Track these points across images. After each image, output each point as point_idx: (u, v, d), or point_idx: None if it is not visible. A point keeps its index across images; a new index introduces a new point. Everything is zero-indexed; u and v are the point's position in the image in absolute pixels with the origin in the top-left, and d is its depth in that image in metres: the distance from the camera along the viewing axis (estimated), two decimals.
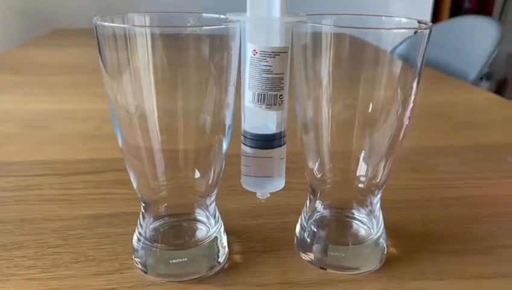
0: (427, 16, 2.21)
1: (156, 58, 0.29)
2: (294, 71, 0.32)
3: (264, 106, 0.31)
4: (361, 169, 0.35)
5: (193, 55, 0.30)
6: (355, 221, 0.38)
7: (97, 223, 0.41)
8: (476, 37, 1.30)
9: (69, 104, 0.74)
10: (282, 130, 0.33)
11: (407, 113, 0.33)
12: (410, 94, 0.32)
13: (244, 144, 0.34)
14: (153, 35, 0.28)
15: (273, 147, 0.33)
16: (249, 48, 0.30)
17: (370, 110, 0.32)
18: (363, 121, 0.33)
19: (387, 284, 0.34)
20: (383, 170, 0.35)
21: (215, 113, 0.32)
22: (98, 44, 0.29)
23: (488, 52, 1.23)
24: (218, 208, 0.37)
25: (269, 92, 0.31)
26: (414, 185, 0.49)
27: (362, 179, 0.35)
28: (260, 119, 0.33)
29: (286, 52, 0.30)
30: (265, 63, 0.30)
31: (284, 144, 0.34)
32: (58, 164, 0.52)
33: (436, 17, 2.42)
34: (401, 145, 0.34)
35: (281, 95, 0.31)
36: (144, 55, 0.29)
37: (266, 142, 0.33)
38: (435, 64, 1.06)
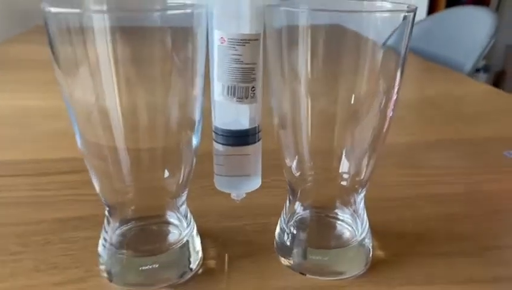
0: (423, 6, 2.18)
1: (115, 48, 0.26)
2: (267, 61, 0.30)
3: (235, 99, 0.29)
4: (344, 166, 0.32)
5: (155, 45, 0.27)
6: (338, 221, 0.35)
7: (64, 227, 0.38)
8: (472, 28, 1.27)
9: (47, 101, 0.71)
10: (256, 125, 0.31)
11: (391, 105, 0.30)
12: (394, 85, 0.30)
13: (216, 141, 0.31)
14: (110, 21, 0.25)
15: (247, 144, 0.31)
16: (217, 35, 0.27)
17: (351, 102, 0.29)
18: (344, 114, 0.30)
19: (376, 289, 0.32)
20: (367, 167, 0.32)
21: (182, 108, 0.29)
22: (48, 34, 0.26)
23: (484, 42, 1.21)
24: (190, 210, 0.34)
25: (240, 84, 0.28)
26: (405, 182, 0.46)
27: (345, 176, 0.33)
28: (231, 114, 0.30)
29: (257, 39, 0.28)
30: (234, 52, 0.27)
31: (258, 140, 0.31)
32: (30, 164, 0.50)
33: (432, 7, 2.39)
34: (385, 139, 0.32)
35: (253, 87, 0.29)
36: (101, 46, 0.26)
37: (239, 138, 0.30)
38: (430, 54, 1.04)
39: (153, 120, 0.30)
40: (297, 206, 0.35)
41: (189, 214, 0.34)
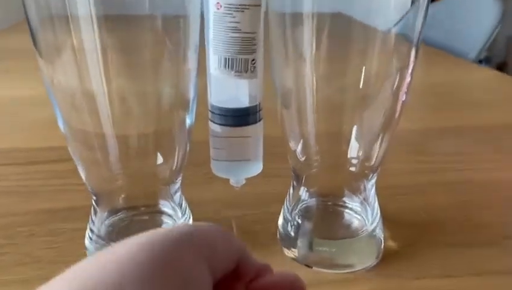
0: None
1: (99, 20, 0.23)
2: (269, 30, 0.27)
3: (233, 73, 0.26)
4: (353, 150, 0.29)
5: (143, 15, 0.24)
6: (346, 210, 0.32)
7: (51, 218, 0.36)
8: (476, 17, 1.24)
9: (36, 90, 0.67)
10: (257, 103, 0.28)
11: (404, 88, 0.28)
12: (408, 65, 0.27)
13: (212, 122, 0.28)
14: None
15: (247, 124, 0.28)
16: (212, 0, 0.25)
17: (362, 81, 0.27)
18: (355, 95, 0.28)
19: (385, 284, 0.29)
20: (378, 151, 0.29)
21: (173, 84, 0.27)
22: (27, 16, 0.24)
23: (488, 32, 1.18)
24: (185, 197, 0.32)
25: (238, 56, 0.25)
26: (415, 169, 0.43)
27: (354, 161, 0.30)
28: (229, 90, 0.27)
29: (258, 5, 0.25)
30: (231, 19, 0.24)
31: (260, 121, 0.28)
32: (18, 153, 0.47)
33: None
34: (397, 123, 0.29)
35: (253, 60, 0.26)
36: (84, 21, 0.23)
37: (238, 118, 0.28)
38: (433, 43, 1.01)
39: (142, 100, 0.27)
40: (302, 194, 0.32)
41: (184, 203, 0.31)
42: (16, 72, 0.77)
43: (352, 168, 0.30)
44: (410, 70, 0.27)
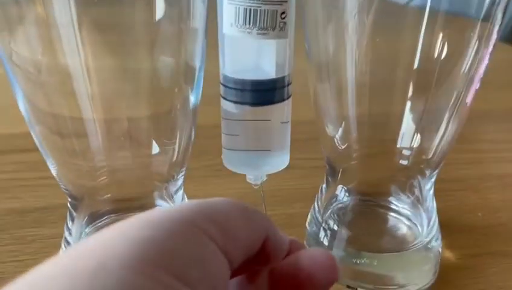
0: None
1: None
2: None
3: (255, 31, 0.19)
4: (405, 138, 0.22)
5: None
6: (392, 214, 0.25)
7: (21, 221, 0.29)
8: None
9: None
10: (286, 74, 0.21)
11: (481, 69, 0.21)
12: (488, 43, 0.20)
13: (225, 99, 0.21)
14: None
15: (272, 102, 0.21)
16: None
17: (425, 54, 0.20)
18: (416, 68, 0.20)
19: None
20: (439, 143, 0.23)
21: (174, 49, 0.19)
22: None
23: None
24: (188, 197, 0.25)
25: (263, 6, 0.18)
26: (461, 159, 0.36)
27: (405, 152, 0.23)
28: (249, 56, 0.20)
29: None
30: None
31: (288, 98, 0.21)
32: None
33: None
34: (467, 110, 0.22)
35: (283, 13, 0.19)
36: None
37: (260, 94, 0.20)
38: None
39: (132, 70, 0.20)
40: (339, 191, 0.25)
41: None
42: None
43: (404, 161, 0.23)
44: (483, 54, 0.20)
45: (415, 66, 0.20)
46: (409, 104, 0.22)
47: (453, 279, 0.24)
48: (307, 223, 0.26)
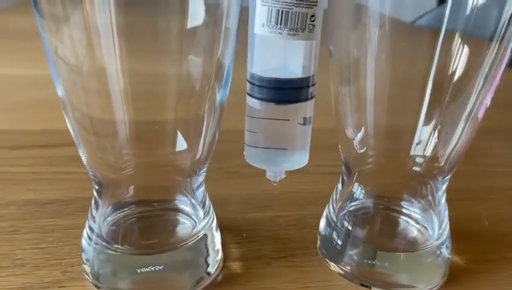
0: None
1: None
2: None
3: (285, 32, 0.20)
4: (420, 147, 0.23)
5: None
6: (404, 217, 0.26)
7: (40, 211, 0.29)
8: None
9: (36, 70, 0.61)
10: (311, 74, 0.22)
11: (493, 87, 0.22)
12: (502, 60, 0.21)
13: (251, 96, 0.22)
14: None
15: (296, 101, 0.22)
16: None
17: (453, 61, 0.21)
18: (432, 84, 0.21)
19: None
20: (452, 152, 0.23)
21: (207, 50, 0.20)
22: None
23: None
24: (209, 195, 0.25)
25: (295, 9, 0.19)
26: (469, 172, 0.37)
27: (419, 160, 0.24)
28: (278, 56, 0.21)
29: None
30: None
31: (312, 98, 0.22)
32: (4, 135, 0.40)
33: None
34: (477, 124, 0.23)
35: (312, 16, 0.20)
36: None
37: (285, 92, 0.21)
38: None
39: (166, 70, 0.21)
40: (356, 190, 0.26)
41: (208, 201, 0.25)
42: (17, 52, 0.70)
43: (417, 168, 0.24)
44: (496, 72, 0.21)
45: (431, 82, 0.21)
46: (423, 116, 0.22)
47: (461, 282, 0.25)
48: (321, 223, 0.27)
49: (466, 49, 0.20)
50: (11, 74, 0.58)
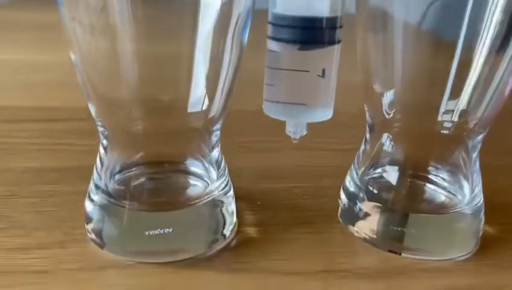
0: None
1: None
2: None
3: None
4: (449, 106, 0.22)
5: None
6: (432, 184, 0.24)
7: (39, 178, 0.27)
8: None
9: (41, 56, 0.59)
10: (339, 15, 0.20)
11: None
12: None
13: (272, 39, 0.20)
14: None
15: (323, 43, 0.20)
16: None
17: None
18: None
19: (490, 277, 0.21)
20: (483, 113, 0.22)
21: None
22: None
23: None
24: (224, 157, 0.24)
25: None
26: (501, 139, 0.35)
27: (447, 123, 0.22)
28: None
29: None
30: None
31: (338, 42, 0.21)
32: (7, 110, 0.39)
33: None
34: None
35: None
36: None
37: (310, 32, 0.20)
38: None
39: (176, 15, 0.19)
40: (381, 154, 0.24)
41: (223, 161, 0.23)
42: (25, 40, 0.68)
43: (445, 131, 0.23)
44: None
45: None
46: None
47: (494, 251, 0.23)
48: (341, 189, 0.25)
49: None
50: (10, 59, 0.56)
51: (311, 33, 0.20)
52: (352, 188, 0.24)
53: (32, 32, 0.70)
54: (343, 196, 0.25)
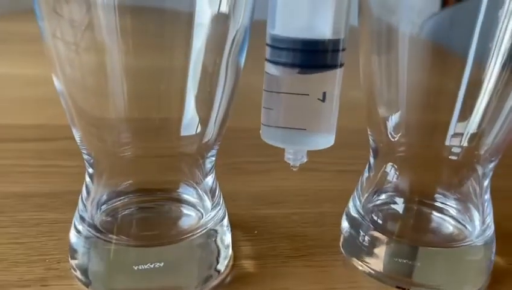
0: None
1: None
2: None
3: None
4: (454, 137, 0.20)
5: None
6: (440, 213, 0.23)
7: (23, 205, 0.26)
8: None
9: (28, 70, 0.58)
10: (341, 38, 0.19)
11: None
12: None
13: (270, 62, 0.19)
14: None
15: (324, 66, 0.19)
16: None
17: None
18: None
19: None
20: (493, 140, 0.21)
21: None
22: None
23: None
24: (219, 185, 0.22)
25: None
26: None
27: (455, 149, 0.21)
28: (304, 12, 0.18)
29: None
30: None
31: (341, 66, 0.19)
32: None
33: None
34: None
35: None
36: None
37: (312, 55, 0.19)
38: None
39: (169, 18, 0.18)
40: (385, 182, 0.23)
41: (218, 189, 0.22)
42: (18, 53, 0.67)
43: (453, 157, 0.21)
44: None
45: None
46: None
47: (507, 284, 0.22)
48: (343, 217, 0.24)
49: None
50: (13, 74, 0.55)
51: (312, 56, 0.19)
52: (354, 218, 0.23)
53: (18, 45, 0.69)
54: (345, 224, 0.23)
